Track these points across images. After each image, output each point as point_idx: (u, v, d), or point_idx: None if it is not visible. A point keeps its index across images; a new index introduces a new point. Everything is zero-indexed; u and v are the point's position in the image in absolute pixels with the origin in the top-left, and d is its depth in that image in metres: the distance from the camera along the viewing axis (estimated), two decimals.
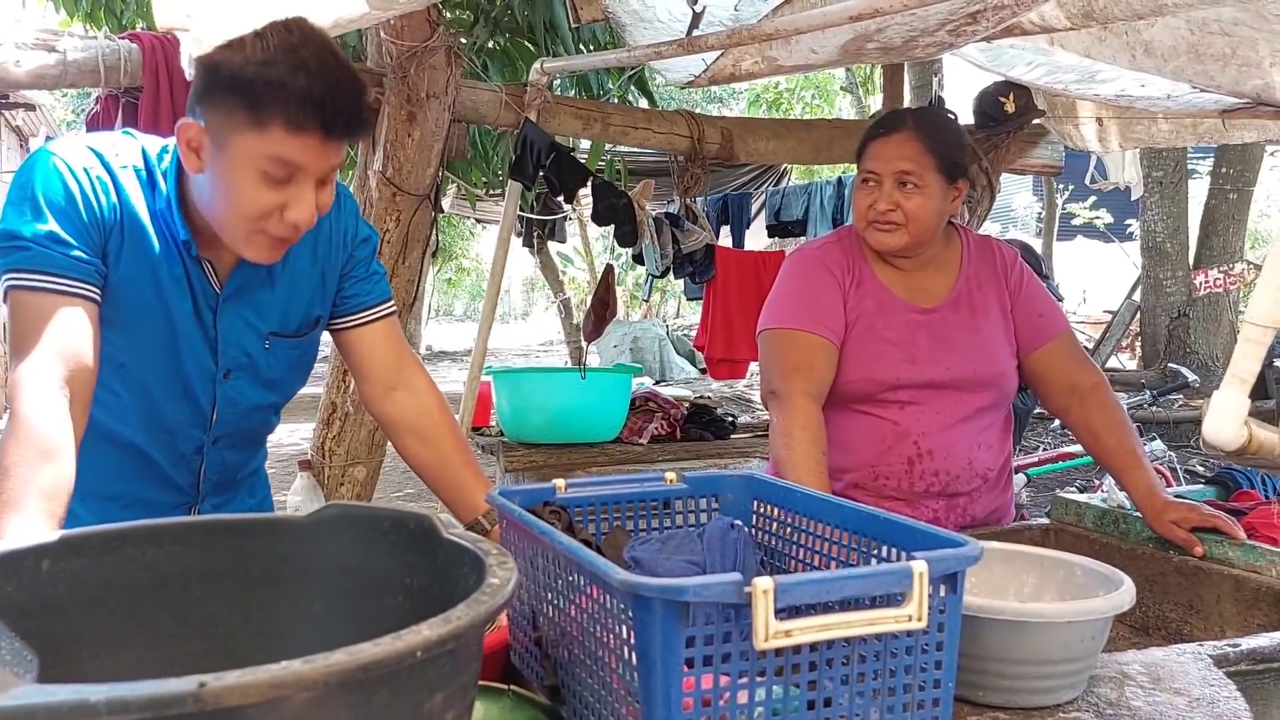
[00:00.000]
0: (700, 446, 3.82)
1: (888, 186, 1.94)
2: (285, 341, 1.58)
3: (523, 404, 3.51)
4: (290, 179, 1.33)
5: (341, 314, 1.63)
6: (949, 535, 1.07)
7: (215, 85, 1.31)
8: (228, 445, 1.62)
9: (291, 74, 1.27)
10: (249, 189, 1.33)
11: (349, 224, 1.61)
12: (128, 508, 1.56)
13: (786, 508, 1.34)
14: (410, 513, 1.04)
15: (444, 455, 1.65)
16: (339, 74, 1.31)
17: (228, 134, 1.31)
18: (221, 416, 1.56)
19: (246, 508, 1.72)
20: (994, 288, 2.07)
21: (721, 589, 0.89)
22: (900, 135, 1.94)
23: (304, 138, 1.30)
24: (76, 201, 1.36)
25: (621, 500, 1.38)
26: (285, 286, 1.55)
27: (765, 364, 2.04)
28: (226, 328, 1.51)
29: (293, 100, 1.27)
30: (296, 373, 1.64)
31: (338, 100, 1.30)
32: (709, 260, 4.00)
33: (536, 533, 1.12)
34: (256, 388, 1.58)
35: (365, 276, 1.63)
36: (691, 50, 2.40)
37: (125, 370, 1.47)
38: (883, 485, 2.01)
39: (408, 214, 3.00)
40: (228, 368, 1.53)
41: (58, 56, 2.56)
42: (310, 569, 1.06)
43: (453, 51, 2.92)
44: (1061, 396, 2.07)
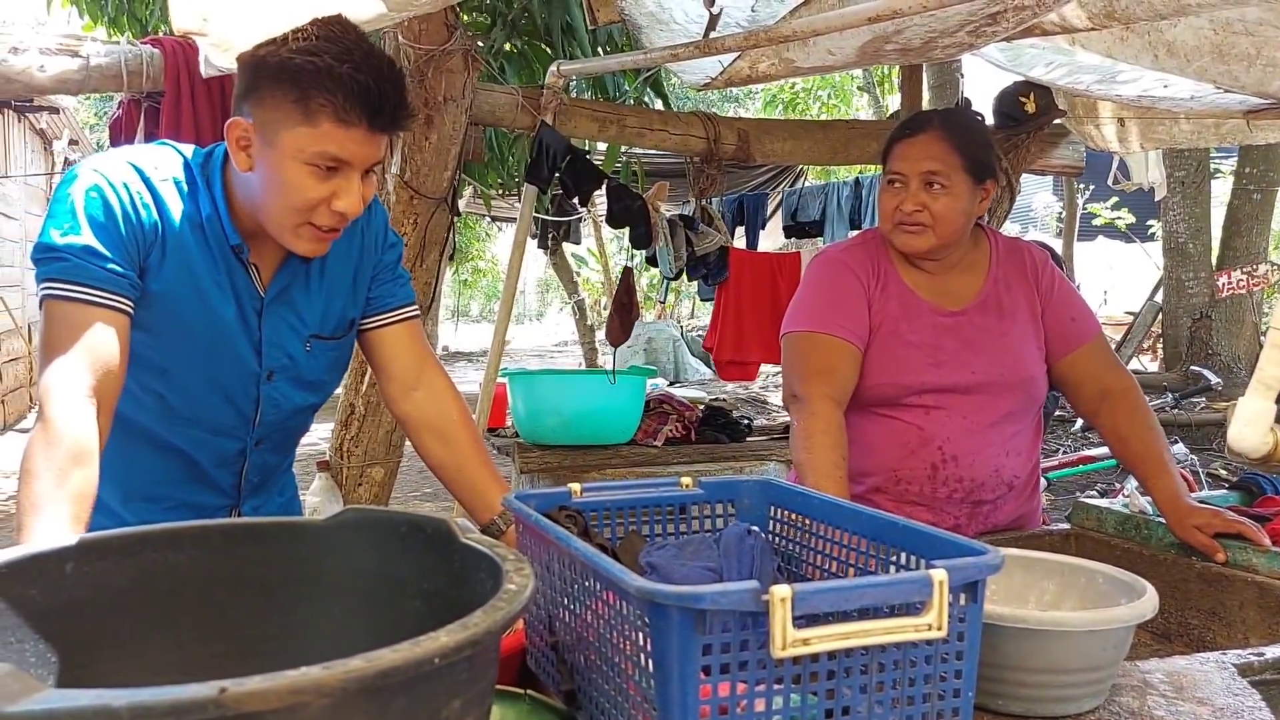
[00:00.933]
0: (715, 449, 3.81)
1: (914, 187, 1.92)
2: (324, 343, 1.62)
3: (538, 406, 3.51)
4: (337, 170, 1.38)
5: (368, 314, 1.67)
6: (970, 543, 1.06)
7: (262, 80, 1.36)
8: (269, 447, 1.66)
9: (338, 66, 1.31)
10: (298, 181, 1.37)
11: (379, 230, 1.66)
12: (171, 510, 1.60)
13: (804, 513, 1.34)
14: (427, 518, 1.05)
15: (462, 456, 1.67)
16: (382, 66, 1.36)
17: (278, 129, 1.36)
18: (265, 418, 1.60)
19: (277, 506, 1.76)
20: (1023, 291, 2.05)
21: (739, 597, 0.88)
22: (927, 135, 1.92)
23: (351, 130, 1.35)
24: (116, 216, 1.40)
25: (637, 505, 1.38)
26: (322, 289, 1.59)
27: (787, 368, 2.03)
28: (271, 330, 1.55)
29: (340, 93, 1.32)
30: (334, 374, 1.68)
31: (384, 92, 1.34)
32: (723, 262, 3.99)
33: (552, 537, 1.12)
34: (298, 389, 1.62)
35: (392, 279, 1.68)
36: (708, 52, 2.39)
37: (169, 375, 1.50)
38: (905, 490, 1.99)
39: (425, 217, 3.01)
40: (270, 369, 1.57)
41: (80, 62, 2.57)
42: (328, 573, 1.07)
43: (470, 55, 2.92)
44: (1091, 401, 2.05)
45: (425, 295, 3.14)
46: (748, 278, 4.03)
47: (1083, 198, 15.90)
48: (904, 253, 2.01)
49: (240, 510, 1.67)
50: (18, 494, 1.27)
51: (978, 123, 2.10)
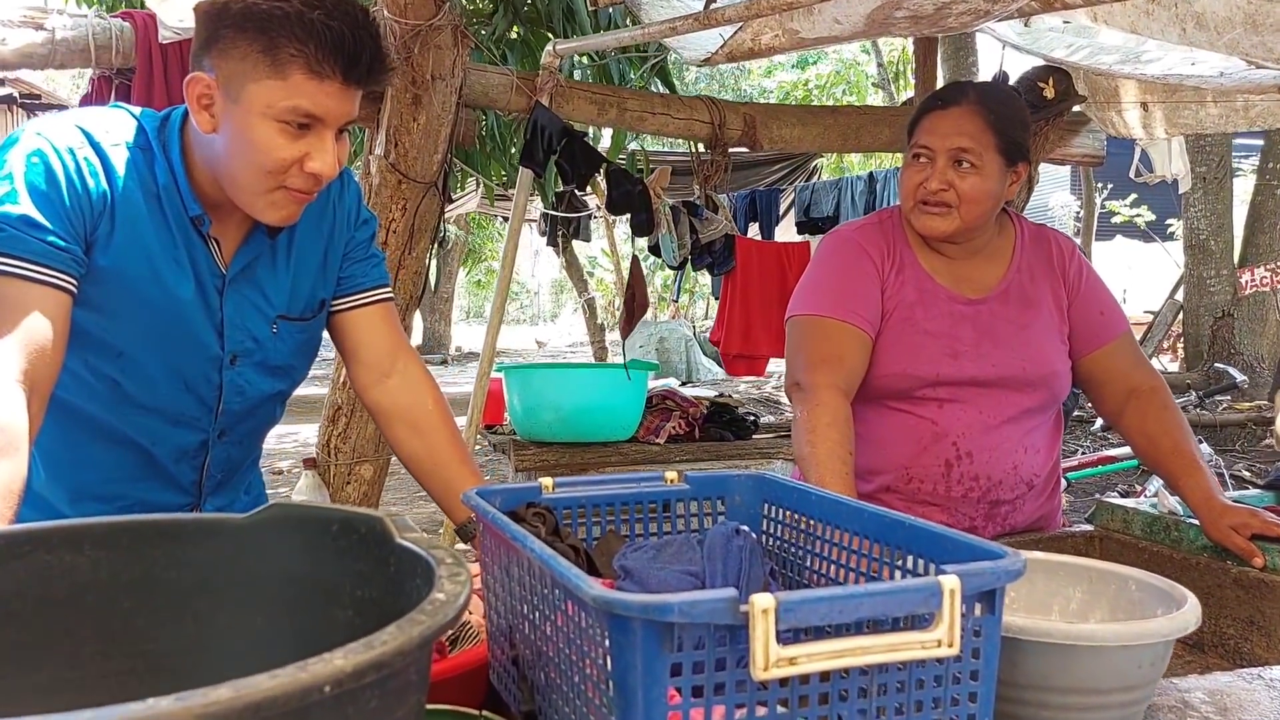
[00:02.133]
0: (719, 447, 3.68)
1: (941, 164, 1.78)
2: (292, 325, 1.51)
3: (534, 401, 3.39)
4: (309, 128, 1.27)
5: (338, 295, 1.56)
6: (986, 545, 0.93)
7: (224, 29, 1.24)
8: (233, 440, 1.54)
9: (309, 13, 1.21)
10: (267, 140, 1.26)
11: (351, 206, 1.55)
12: (125, 510, 1.48)
13: (800, 512, 1.20)
14: (362, 514, 0.92)
15: (436, 448, 1.56)
16: (356, 14, 1.25)
17: (244, 83, 1.24)
18: (228, 406, 1.48)
19: (243, 506, 1.64)
20: (1049, 281, 1.91)
21: (712, 607, 0.75)
22: (960, 109, 1.78)
23: (325, 83, 1.24)
24: (60, 184, 1.27)
25: (616, 502, 1.25)
26: (290, 267, 1.48)
27: (791, 353, 1.90)
28: (233, 310, 1.43)
29: (312, 42, 1.21)
30: (303, 358, 1.57)
31: (359, 41, 1.24)
32: (729, 251, 3.86)
33: (509, 537, 0.98)
34: (264, 375, 1.50)
35: (364, 259, 1.57)
36: (709, 24, 2.26)
37: (124, 359, 1.39)
38: (917, 489, 1.86)
39: (414, 202, 2.88)
40: (234, 353, 1.45)
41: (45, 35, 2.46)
42: (251, 577, 0.94)
43: (460, 31, 2.79)
44: (1117, 400, 1.92)
45: (415, 284, 3.02)
46: (755, 268, 3.89)
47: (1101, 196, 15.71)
48: (923, 235, 1.87)
49: (201, 510, 1.55)
50: None
51: (1016, 99, 1.94)
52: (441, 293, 20.15)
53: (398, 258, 2.93)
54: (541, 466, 3.39)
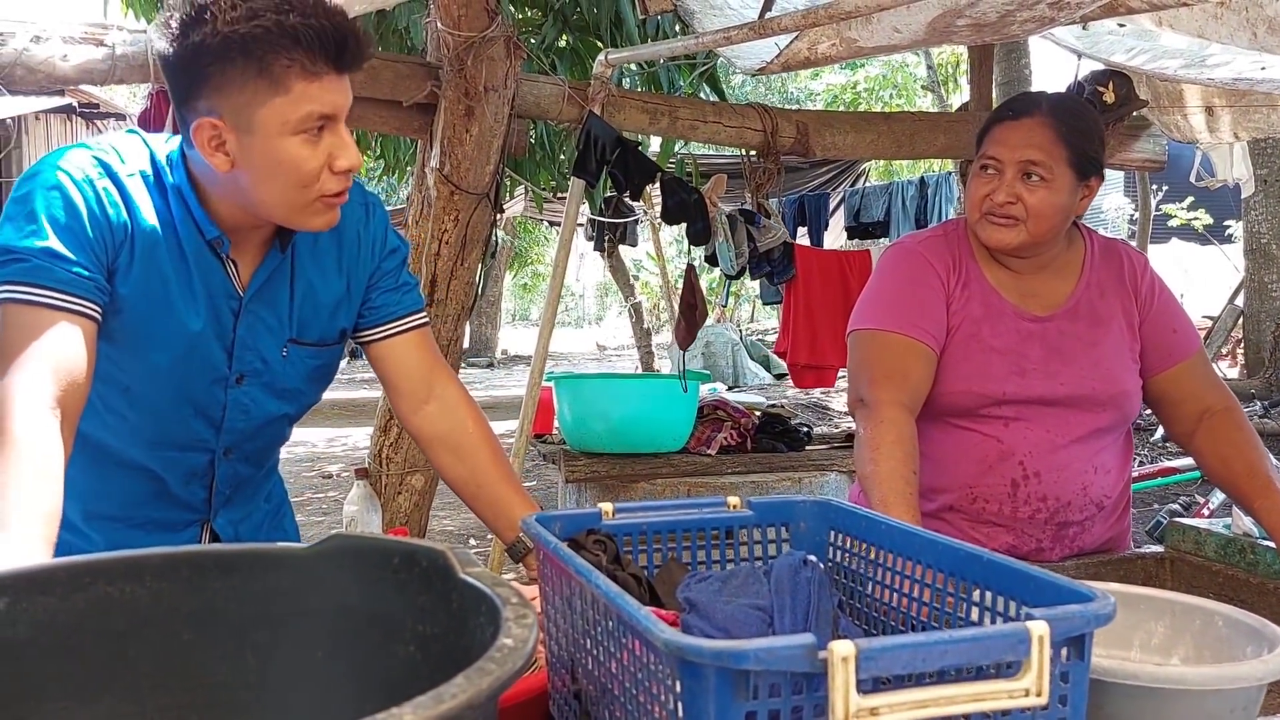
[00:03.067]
0: (772, 458, 3.63)
1: (1010, 176, 1.73)
2: (304, 350, 1.50)
3: (585, 411, 3.37)
4: (324, 129, 1.29)
5: (369, 325, 1.55)
6: (1073, 586, 0.88)
7: (207, 67, 1.23)
8: (239, 457, 1.54)
9: (285, 20, 1.21)
10: (292, 156, 1.27)
11: (378, 234, 1.54)
12: (138, 527, 1.50)
13: (869, 541, 1.16)
14: (424, 546, 0.90)
15: (480, 470, 1.56)
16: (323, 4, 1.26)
17: (252, 111, 1.25)
18: (231, 424, 1.48)
19: (262, 514, 1.65)
20: (1120, 298, 1.86)
21: (790, 655, 0.72)
22: (1032, 120, 1.74)
23: (323, 80, 1.26)
24: (81, 215, 1.29)
25: (678, 528, 1.22)
26: (304, 291, 1.48)
27: (854, 369, 1.86)
28: (245, 330, 1.44)
29: (298, 48, 1.22)
30: (314, 385, 1.57)
31: (338, 28, 1.25)
32: (787, 259, 3.80)
33: (573, 571, 0.96)
34: (270, 397, 1.50)
35: (394, 287, 1.56)
36: (764, 34, 2.23)
37: (132, 393, 1.40)
38: (982, 509, 1.81)
39: (466, 213, 2.87)
40: (241, 372, 1.45)
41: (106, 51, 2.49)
42: (311, 609, 0.92)
43: (512, 42, 2.78)
44: (1189, 421, 1.86)
45: (467, 294, 3.01)
46: (817, 276, 3.83)
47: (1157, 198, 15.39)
48: (989, 248, 1.82)
49: (212, 524, 1.56)
50: None
51: (1089, 111, 1.89)
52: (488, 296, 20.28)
53: (450, 268, 2.93)
54: (592, 478, 3.36)
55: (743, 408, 3.79)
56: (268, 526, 1.65)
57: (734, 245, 3.58)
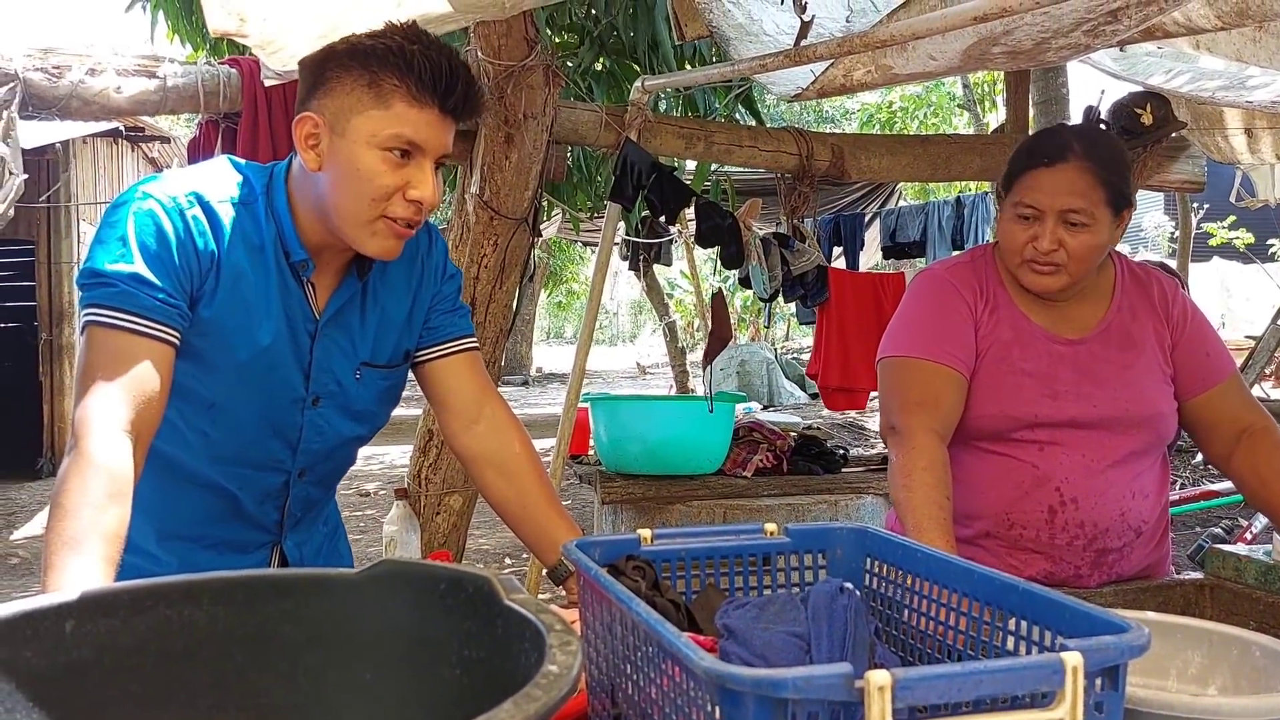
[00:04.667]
0: (808, 481, 3.62)
1: (1051, 224, 1.72)
2: (375, 372, 1.55)
3: (620, 433, 3.39)
4: (410, 157, 1.34)
5: (425, 345, 1.60)
6: (1107, 617, 0.89)
7: (330, 69, 1.33)
8: (312, 479, 1.58)
9: (409, 46, 1.30)
10: (371, 168, 1.33)
11: (439, 260, 1.61)
12: (210, 548, 1.53)
13: (905, 569, 1.17)
14: (470, 573, 0.92)
15: (526, 492, 1.58)
16: (452, 51, 1.34)
17: (349, 116, 1.32)
18: (307, 445, 1.52)
19: (321, 537, 1.69)
20: (1151, 321, 1.85)
21: (828, 684, 0.74)
22: (1069, 167, 1.71)
23: (424, 111, 1.32)
24: (170, 243, 1.34)
25: (715, 555, 1.23)
26: (376, 316, 1.53)
27: (885, 396, 1.87)
28: (322, 354, 1.48)
29: (411, 74, 1.30)
30: (384, 406, 1.61)
31: (455, 72, 1.32)
32: (821, 282, 3.81)
33: (613, 597, 0.98)
34: (344, 419, 1.54)
35: (450, 310, 1.61)
36: (799, 61, 2.25)
37: (216, 409, 1.44)
38: (1019, 535, 1.81)
39: (505, 238, 2.92)
40: (317, 394, 1.49)
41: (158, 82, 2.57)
42: (361, 633, 0.95)
43: (551, 70, 2.83)
44: (1227, 444, 1.85)
45: (504, 317, 3.05)
46: (850, 299, 3.83)
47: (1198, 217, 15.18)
48: (1033, 293, 1.83)
49: (282, 546, 1.60)
50: (47, 530, 1.19)
51: (1118, 145, 1.88)
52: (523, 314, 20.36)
53: (489, 292, 2.97)
54: (628, 499, 3.38)
55: (778, 429, 3.79)
56: (326, 549, 1.69)
57: (767, 269, 3.59)
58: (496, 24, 2.62)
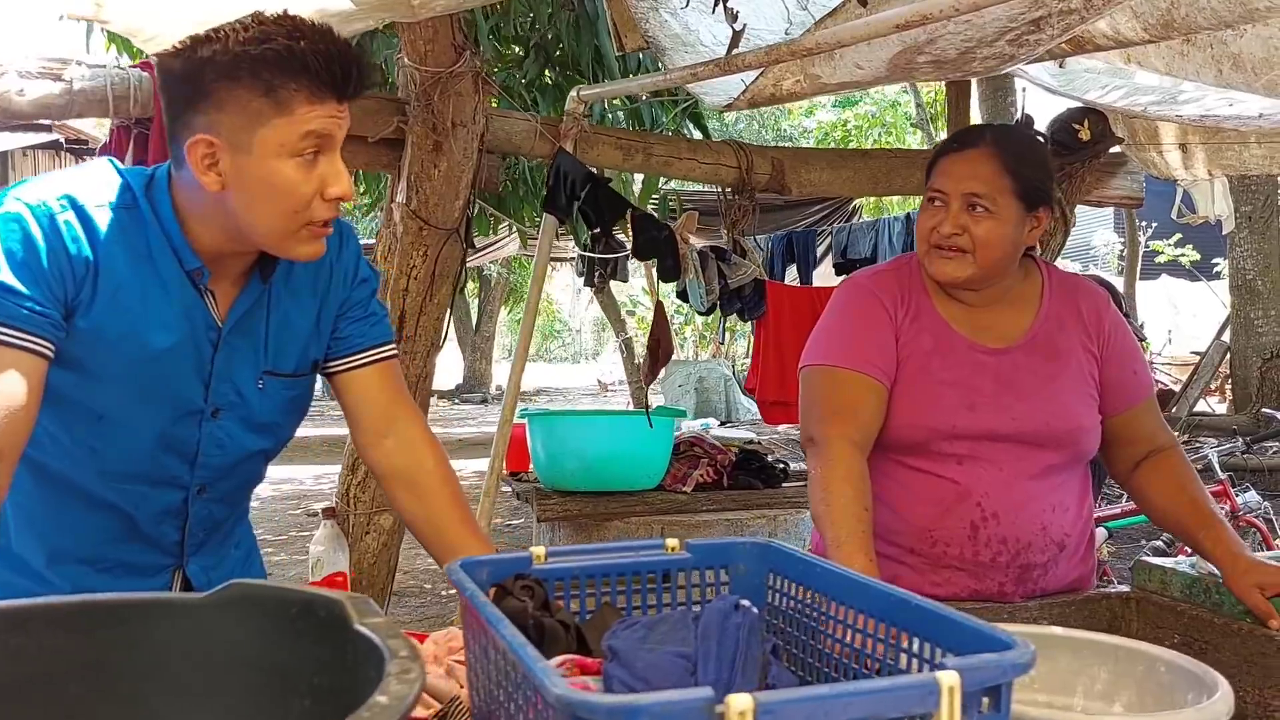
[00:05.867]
0: (749, 495, 3.59)
1: (955, 208, 1.72)
2: (279, 381, 1.48)
3: (558, 449, 3.33)
4: (320, 154, 1.30)
5: (335, 355, 1.53)
6: (993, 633, 0.85)
7: (216, 83, 1.24)
8: (214, 497, 1.50)
9: (296, 45, 1.23)
10: (286, 178, 1.28)
11: (350, 263, 1.53)
12: (106, 571, 1.46)
13: (805, 584, 1.13)
14: (323, 595, 0.87)
15: (436, 510, 1.52)
16: (331, 33, 1.28)
17: (252, 130, 1.25)
18: (207, 460, 1.45)
19: (234, 561, 1.61)
20: (1078, 333, 1.83)
21: (686, 710, 0.69)
22: (976, 152, 1.73)
23: (325, 105, 1.27)
24: (38, 249, 1.26)
25: (612, 572, 1.18)
26: (279, 321, 1.46)
27: (805, 406, 1.84)
28: (224, 363, 1.42)
29: (305, 74, 1.24)
30: (289, 417, 1.54)
31: (346, 60, 1.27)
32: (759, 296, 3.79)
33: (485, 620, 0.93)
34: (246, 431, 1.47)
35: (362, 317, 1.54)
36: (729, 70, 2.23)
37: (105, 422, 1.37)
38: (942, 553, 1.77)
39: (435, 248, 2.86)
40: (217, 405, 1.43)
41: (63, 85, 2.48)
42: (209, 661, 0.89)
43: (481, 78, 2.78)
44: (1133, 461, 1.85)
45: (437, 330, 2.99)
46: (787, 313, 3.81)
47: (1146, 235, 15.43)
48: (939, 281, 1.81)
49: (184, 570, 1.52)
50: None
51: (1035, 142, 1.88)
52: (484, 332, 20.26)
53: (419, 304, 2.91)
54: (565, 517, 3.33)
55: (720, 444, 3.76)
56: (239, 572, 1.61)
57: (704, 282, 3.57)
58: (422, 29, 2.58)
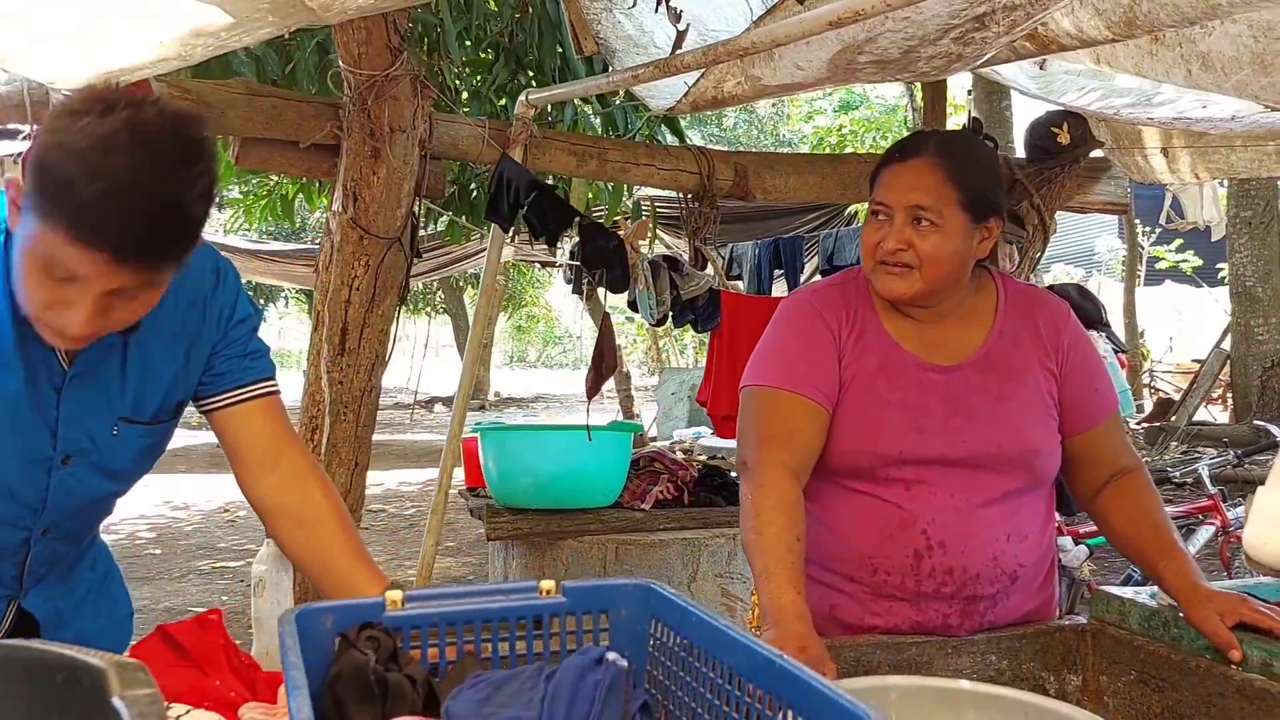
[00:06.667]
0: (709, 513, 3.48)
1: (899, 222, 1.62)
2: (137, 429, 1.40)
3: (510, 465, 3.23)
4: (72, 281, 1.13)
5: (212, 393, 1.45)
6: (850, 706, 0.75)
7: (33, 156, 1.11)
8: (58, 536, 1.42)
9: (86, 183, 1.06)
10: (30, 274, 1.15)
11: (226, 302, 1.44)
12: None
13: (683, 635, 1.03)
14: (85, 663, 0.77)
15: (325, 543, 1.44)
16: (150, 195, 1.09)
17: (32, 210, 1.12)
18: (54, 505, 1.36)
19: (87, 585, 1.53)
20: (1036, 350, 1.72)
21: None
22: (918, 161, 1.63)
23: (90, 253, 1.09)
24: None
25: (477, 619, 1.08)
26: (140, 366, 1.37)
27: (741, 428, 1.74)
28: (70, 410, 1.32)
29: (78, 213, 1.07)
30: (144, 463, 1.46)
31: (138, 224, 1.08)
32: (713, 306, 3.69)
33: (289, 684, 0.82)
34: (98, 477, 1.39)
35: (241, 355, 1.46)
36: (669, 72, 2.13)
37: None
38: (883, 581, 1.67)
39: (377, 258, 2.76)
40: (67, 453, 1.34)
41: None
42: None
43: (419, 81, 2.68)
44: (1098, 482, 1.75)
45: (381, 343, 2.89)
46: (742, 324, 3.69)
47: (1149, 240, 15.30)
48: (885, 298, 1.70)
49: (20, 603, 1.43)
50: None
51: (982, 149, 1.77)
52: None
53: (361, 316, 2.80)
54: (516, 535, 3.22)
55: (682, 460, 3.65)
56: (94, 597, 1.54)
57: (655, 292, 3.46)
58: (355, 31, 2.48)
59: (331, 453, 2.83)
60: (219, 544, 7.19)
